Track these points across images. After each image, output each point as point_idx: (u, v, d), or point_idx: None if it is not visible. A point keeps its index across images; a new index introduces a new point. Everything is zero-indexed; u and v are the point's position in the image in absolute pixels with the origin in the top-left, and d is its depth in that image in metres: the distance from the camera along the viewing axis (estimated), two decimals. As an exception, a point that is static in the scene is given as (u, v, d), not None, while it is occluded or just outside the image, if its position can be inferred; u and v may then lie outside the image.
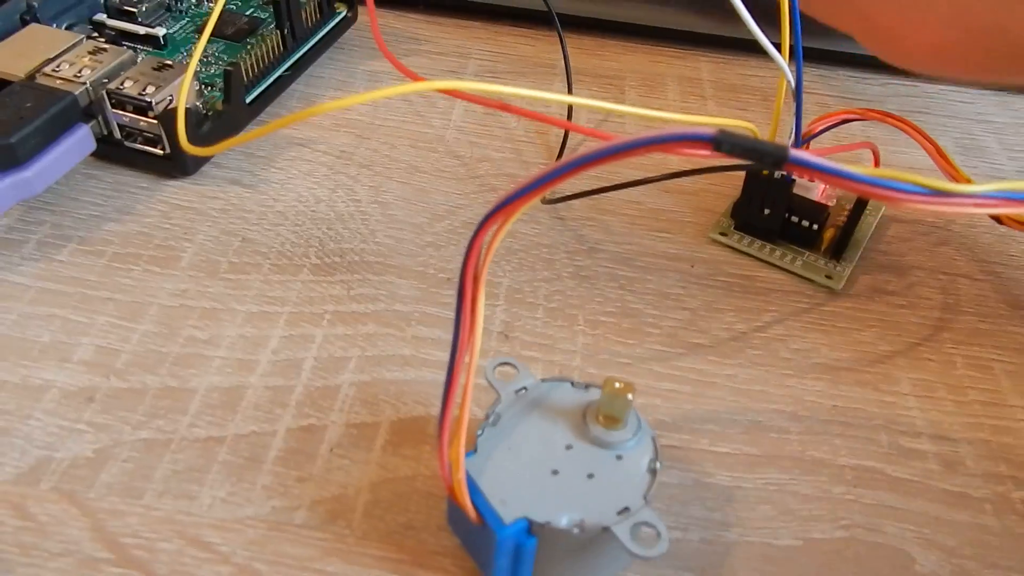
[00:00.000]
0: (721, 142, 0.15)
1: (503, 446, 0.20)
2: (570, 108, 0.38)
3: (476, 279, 0.19)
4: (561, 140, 0.37)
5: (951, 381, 0.27)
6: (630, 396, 0.20)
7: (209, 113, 0.33)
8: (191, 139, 0.29)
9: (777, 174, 0.31)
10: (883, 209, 0.34)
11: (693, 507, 0.23)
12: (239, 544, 0.22)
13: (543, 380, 0.22)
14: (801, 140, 0.31)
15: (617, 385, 0.20)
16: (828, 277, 0.31)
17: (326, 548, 0.22)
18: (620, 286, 0.30)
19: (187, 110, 0.30)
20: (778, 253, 0.32)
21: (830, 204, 0.32)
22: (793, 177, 0.31)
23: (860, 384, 0.27)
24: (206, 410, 0.25)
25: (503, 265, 0.31)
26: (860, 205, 0.30)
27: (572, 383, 0.22)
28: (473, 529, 0.20)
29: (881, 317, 0.30)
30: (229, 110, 0.34)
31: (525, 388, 0.22)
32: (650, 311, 0.29)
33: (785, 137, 0.33)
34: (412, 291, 0.29)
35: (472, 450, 0.20)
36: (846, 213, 0.33)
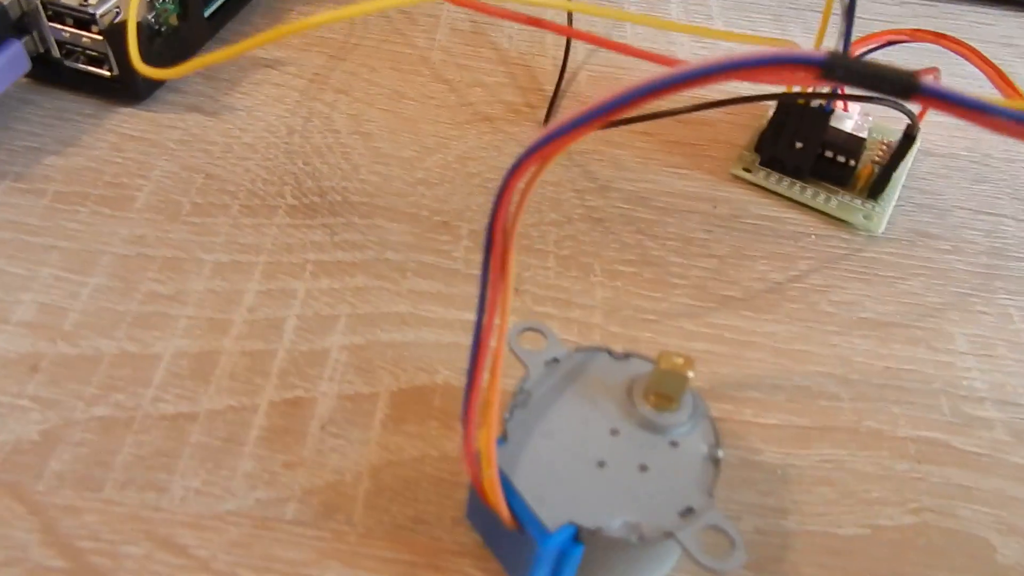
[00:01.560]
0: (834, 66, 0.12)
1: (537, 432, 0.17)
2: (570, 16, 0.34)
3: (507, 234, 0.15)
4: (561, 63, 0.32)
5: (1010, 337, 0.24)
6: (690, 374, 0.16)
7: (162, 28, 0.28)
8: (144, 58, 0.25)
9: (815, 103, 0.27)
10: (919, 141, 0.31)
11: (744, 491, 0.20)
12: (219, 546, 0.18)
13: (577, 350, 0.18)
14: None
15: (677, 360, 0.16)
16: (866, 219, 0.27)
17: (323, 549, 0.18)
18: (638, 230, 0.27)
19: (138, 24, 0.25)
20: (809, 192, 0.28)
21: (866, 138, 0.28)
22: (832, 108, 0.27)
23: (912, 342, 0.24)
24: (173, 381, 0.21)
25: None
26: (908, 140, 0.26)
27: (610, 352, 0.18)
28: (504, 531, 0.16)
29: (926, 264, 0.27)
30: (185, 25, 0.29)
31: (556, 359, 0.18)
32: (674, 259, 0.26)
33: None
34: (405, 236, 0.25)
35: (501, 437, 0.17)
36: (879, 148, 0.29)
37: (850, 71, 0.12)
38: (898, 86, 0.12)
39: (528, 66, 0.33)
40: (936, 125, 0.31)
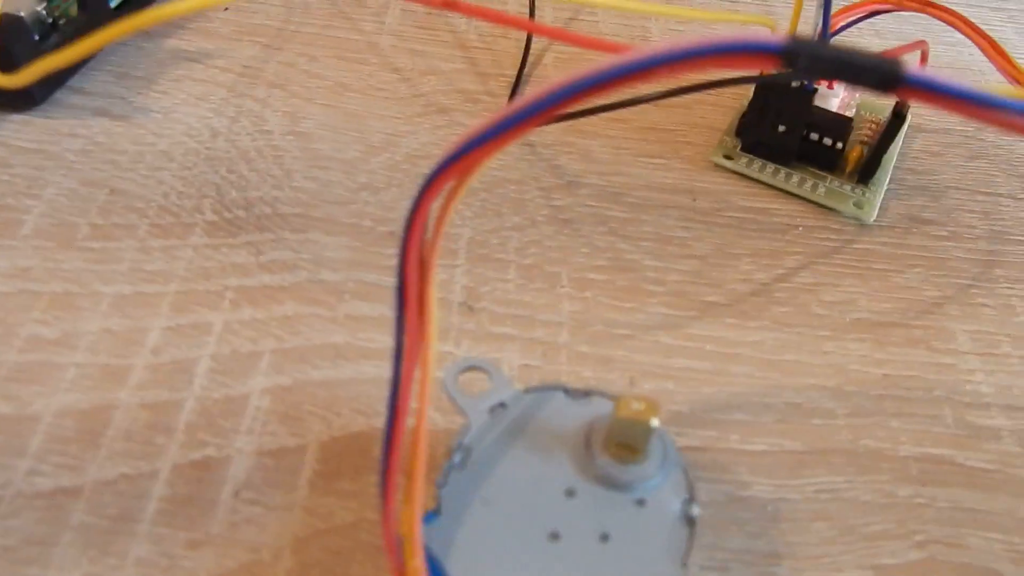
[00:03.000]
0: (797, 54, 0.09)
1: (478, 500, 0.13)
2: (532, 4, 0.30)
3: (424, 265, 0.11)
4: (524, 45, 0.29)
5: (1013, 331, 0.21)
6: (654, 423, 0.13)
7: (59, 21, 0.24)
8: (31, 56, 0.21)
9: (795, 83, 0.23)
10: (908, 118, 0.27)
11: (731, 535, 0.17)
12: (102, 659, 0.14)
13: (526, 390, 0.15)
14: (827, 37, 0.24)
15: (635, 406, 0.13)
16: (857, 206, 0.24)
17: (232, 654, 0.15)
18: (610, 230, 0.23)
19: (18, 18, 0.21)
20: (795, 178, 0.25)
21: (853, 117, 0.25)
22: (815, 86, 0.24)
23: (911, 343, 0.21)
24: (54, 447, 0.17)
25: (461, 211, 0.23)
26: (898, 119, 0.23)
27: (566, 391, 0.15)
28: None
29: (922, 253, 0.23)
30: (87, 17, 0.25)
31: (503, 404, 0.15)
32: (650, 262, 0.22)
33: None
34: (343, 252, 0.22)
35: (433, 510, 0.13)
36: (868, 127, 0.26)
37: (817, 60, 0.09)
38: (877, 78, 0.09)
39: (490, 49, 0.29)
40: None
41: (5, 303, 0.19)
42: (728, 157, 0.25)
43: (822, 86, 0.24)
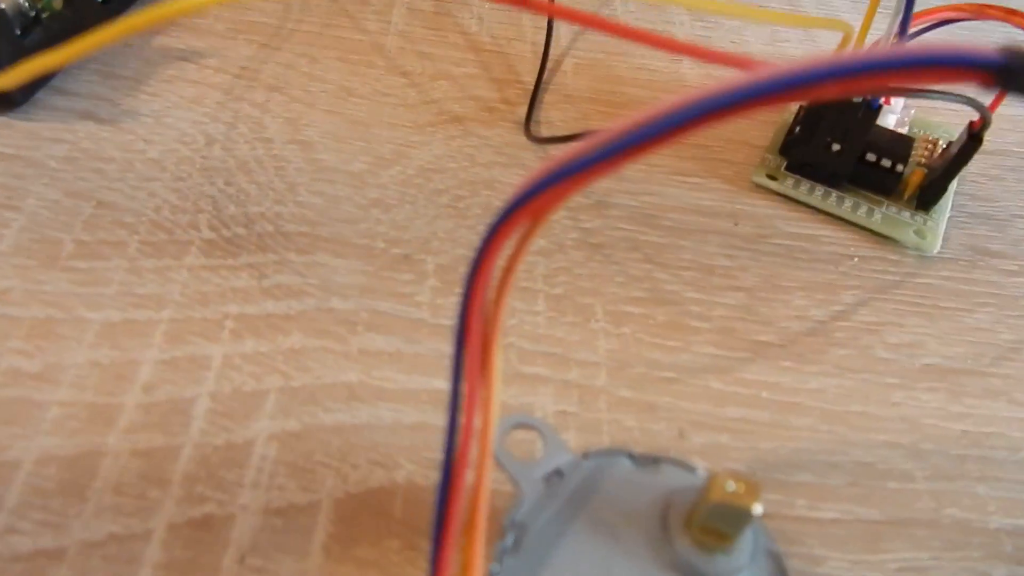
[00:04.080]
0: (1017, 70, 0.07)
1: (535, 590, 0.12)
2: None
3: (489, 323, 0.10)
4: (542, 48, 0.27)
5: (1110, 385, 0.20)
6: (758, 510, 0.11)
7: (42, 15, 0.23)
8: (12, 52, 0.19)
9: (859, 97, 0.22)
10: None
11: (809, 626, 0.15)
12: None
13: (586, 455, 0.13)
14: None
15: (731, 487, 0.11)
16: (918, 235, 0.23)
17: None
18: (645, 257, 0.22)
19: (0, 10, 0.20)
20: (848, 203, 0.23)
21: (915, 137, 0.24)
22: (880, 102, 0.22)
23: (989, 394, 0.19)
24: (34, 500, 0.15)
25: (480, 231, 0.22)
26: (975, 141, 0.22)
27: (631, 456, 0.13)
28: None
29: (991, 290, 0.22)
30: (73, 11, 0.23)
31: (559, 472, 0.13)
32: (692, 294, 0.21)
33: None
34: (355, 276, 0.20)
35: (484, 602, 0.12)
36: (925, 147, 0.25)
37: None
38: None
39: (503, 53, 0.28)
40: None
41: (-22, 332, 0.18)
42: (771, 177, 0.24)
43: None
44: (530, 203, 0.09)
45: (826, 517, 0.17)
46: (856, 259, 0.22)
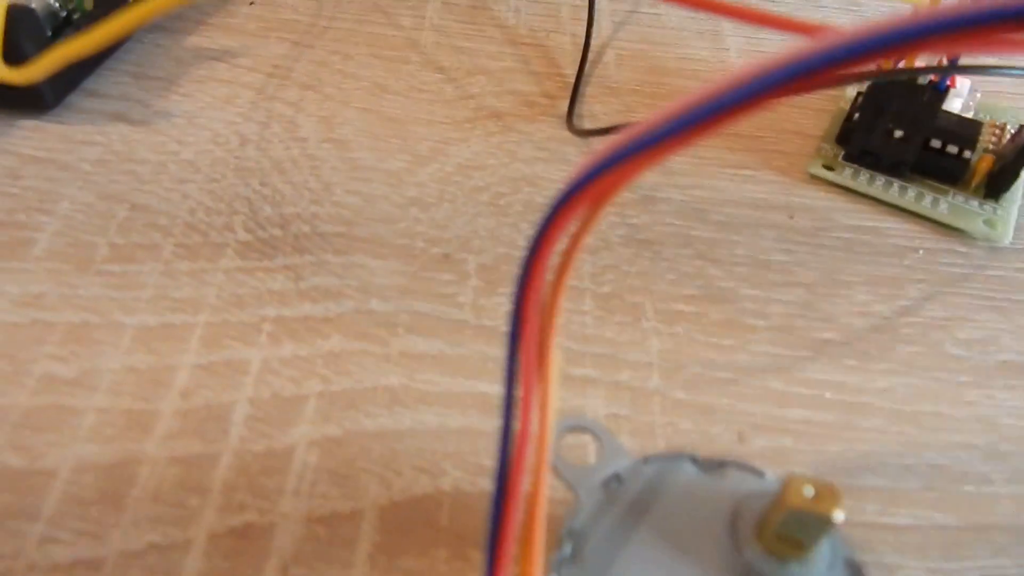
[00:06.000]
0: None
1: (595, 600, 0.12)
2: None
3: (547, 316, 0.10)
4: (583, 40, 0.27)
5: None
6: (839, 517, 0.11)
7: (73, 15, 0.23)
8: (40, 52, 0.19)
9: (923, 79, 0.22)
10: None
11: (887, 638, 0.15)
12: None
13: (646, 460, 0.13)
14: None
15: (808, 492, 0.11)
16: (988, 225, 0.22)
17: None
18: (697, 253, 0.21)
19: (28, 10, 0.20)
20: (911, 193, 0.23)
21: (983, 122, 0.23)
22: (947, 84, 0.22)
23: (1072, 393, 0.19)
24: (72, 509, 0.16)
25: (523, 228, 0.21)
26: (1051, 122, 0.21)
27: (694, 460, 0.13)
28: None
29: (1069, 282, 0.21)
30: (103, 12, 0.23)
31: (618, 477, 0.13)
32: (747, 291, 0.20)
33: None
34: (394, 278, 0.20)
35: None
36: (992, 132, 0.24)
37: None
38: None
39: (542, 45, 0.28)
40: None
41: (15, 336, 0.18)
42: (828, 168, 0.23)
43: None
44: (592, 185, 0.09)
45: (900, 523, 0.16)
46: (922, 251, 0.22)
